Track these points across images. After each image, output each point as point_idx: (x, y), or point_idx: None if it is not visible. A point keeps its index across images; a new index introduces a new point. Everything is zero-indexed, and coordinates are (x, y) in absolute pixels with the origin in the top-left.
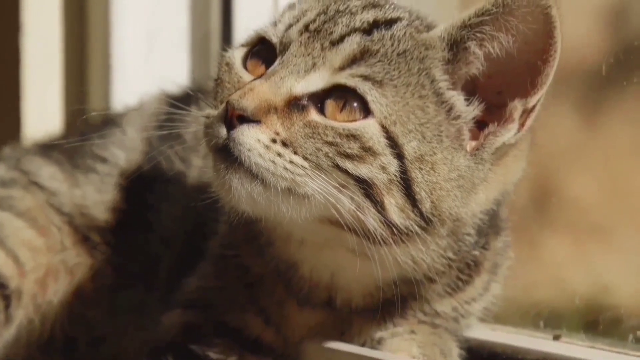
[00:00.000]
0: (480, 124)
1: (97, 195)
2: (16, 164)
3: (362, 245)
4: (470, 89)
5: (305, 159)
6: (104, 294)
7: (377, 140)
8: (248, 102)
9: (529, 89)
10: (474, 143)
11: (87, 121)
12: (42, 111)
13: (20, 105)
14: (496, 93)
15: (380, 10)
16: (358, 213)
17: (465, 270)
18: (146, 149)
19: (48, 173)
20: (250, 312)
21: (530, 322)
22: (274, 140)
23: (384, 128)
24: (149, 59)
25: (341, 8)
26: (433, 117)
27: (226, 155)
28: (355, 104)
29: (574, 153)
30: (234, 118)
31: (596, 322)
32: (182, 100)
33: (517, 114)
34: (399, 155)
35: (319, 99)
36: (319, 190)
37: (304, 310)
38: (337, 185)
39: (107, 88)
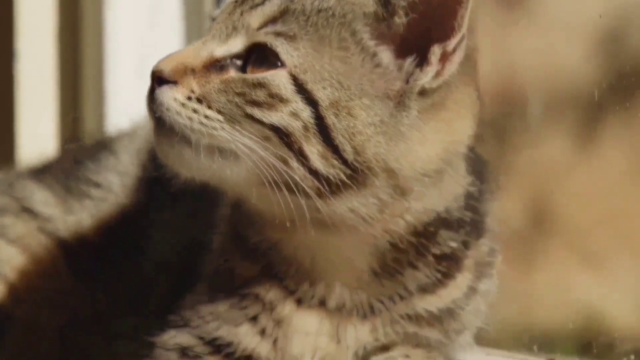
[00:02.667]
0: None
1: (91, 221)
2: (8, 190)
3: (310, 206)
4: (396, 40)
5: (219, 112)
6: (98, 320)
7: (284, 87)
8: (165, 65)
9: (447, 33)
10: (396, 90)
11: (80, 146)
12: (36, 135)
13: (14, 129)
14: (419, 41)
15: None
16: (284, 166)
17: (443, 262)
18: (140, 174)
19: (41, 198)
20: (244, 324)
21: (524, 346)
22: (189, 98)
23: (293, 76)
24: (143, 82)
25: None
26: (355, 68)
27: (158, 122)
28: (270, 60)
29: (568, 178)
30: (154, 82)
31: (590, 346)
32: None
33: (435, 58)
34: (312, 102)
35: (241, 60)
36: (240, 143)
37: (302, 312)
38: (257, 139)
39: (101, 112)
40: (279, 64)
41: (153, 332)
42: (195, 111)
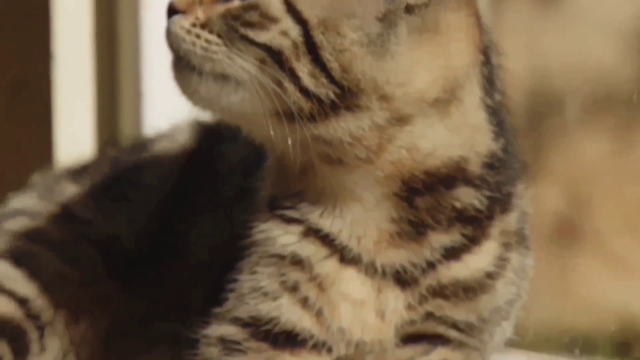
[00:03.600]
0: None
1: (129, 224)
2: (47, 193)
3: (312, 134)
4: None
5: (219, 36)
6: (138, 325)
7: (275, 6)
8: None
9: None
10: (385, 11)
11: (118, 147)
12: (74, 136)
13: (52, 131)
14: None
15: None
16: (279, 89)
17: (466, 224)
18: (177, 177)
19: (80, 202)
20: (284, 294)
21: (565, 349)
22: (194, 25)
23: None
24: None
25: None
26: None
27: (172, 53)
28: None
29: (604, 179)
30: (168, 15)
31: (632, 348)
32: (215, 130)
33: None
34: (301, 21)
35: None
36: (239, 67)
37: (344, 272)
38: (254, 62)
39: (138, 113)
40: None
41: (196, 329)
42: (198, 36)
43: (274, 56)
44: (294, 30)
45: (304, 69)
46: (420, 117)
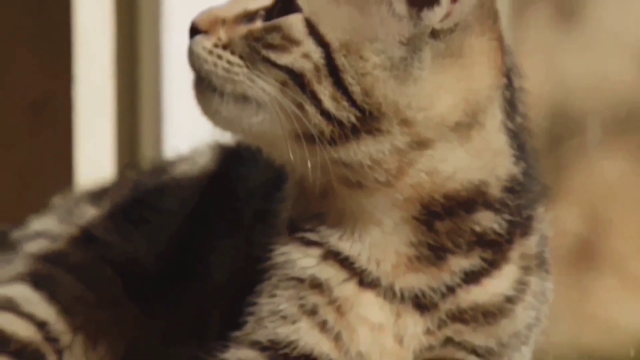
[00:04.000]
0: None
1: (148, 247)
2: (67, 215)
3: (331, 158)
4: None
5: (241, 57)
6: (156, 348)
7: (297, 29)
8: (199, 19)
9: None
10: (410, 36)
11: (138, 170)
12: (94, 157)
13: (72, 152)
14: None
15: None
16: (301, 112)
17: (486, 248)
18: (197, 200)
19: (100, 224)
20: (302, 318)
21: None
22: (216, 45)
23: (307, 20)
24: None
25: None
26: (369, 15)
27: (194, 73)
28: (290, 8)
29: (624, 200)
30: (190, 35)
31: None
32: (236, 153)
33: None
34: (323, 44)
35: (268, 12)
36: (260, 89)
37: (363, 296)
38: (276, 84)
39: (158, 133)
40: (297, 9)
41: (215, 353)
42: (220, 57)
43: (296, 78)
44: (316, 53)
45: (325, 91)
46: (441, 141)
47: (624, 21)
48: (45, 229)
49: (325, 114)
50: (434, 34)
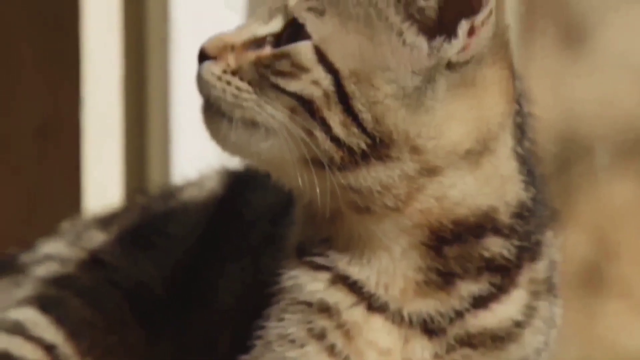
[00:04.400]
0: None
1: (156, 271)
2: (76, 240)
3: (340, 183)
4: (425, 20)
5: (250, 83)
6: None
7: (306, 56)
8: (208, 44)
9: (475, 8)
10: (424, 66)
11: (146, 195)
12: (102, 181)
13: (80, 175)
14: (448, 20)
15: None
16: (310, 138)
17: (495, 273)
18: (204, 224)
19: (108, 248)
20: (310, 342)
21: None
22: (224, 71)
23: (316, 47)
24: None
25: None
26: (380, 44)
27: (202, 98)
28: (300, 34)
29: (633, 225)
30: (199, 61)
31: None
32: (243, 178)
33: (462, 31)
34: (333, 71)
35: (278, 38)
36: (268, 115)
37: (371, 320)
38: (285, 111)
39: (166, 157)
40: (306, 37)
41: None
42: (228, 83)
43: (305, 105)
44: (326, 80)
45: (335, 118)
46: (451, 168)
47: (631, 46)
48: (54, 252)
49: (335, 140)
50: (450, 65)
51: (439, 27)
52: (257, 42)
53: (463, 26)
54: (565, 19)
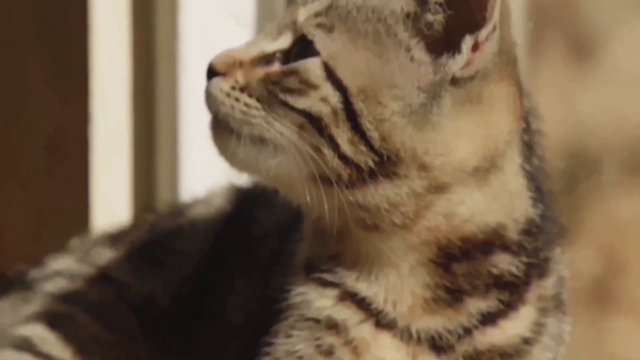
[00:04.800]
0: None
1: (164, 288)
2: (85, 256)
3: (347, 200)
4: (432, 36)
5: (258, 100)
6: None
7: (314, 73)
8: (217, 60)
9: (479, 23)
10: (429, 82)
11: (154, 213)
12: (110, 197)
13: (89, 192)
14: (454, 36)
15: None
16: (318, 155)
17: (503, 290)
18: (212, 241)
19: (117, 265)
20: (318, 359)
21: None
22: (233, 88)
23: (325, 64)
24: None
25: None
26: (388, 61)
27: (211, 114)
28: (309, 51)
29: None
30: (207, 77)
31: None
32: (251, 194)
33: (465, 47)
34: (341, 88)
35: (286, 54)
36: (277, 132)
37: (379, 337)
38: (293, 127)
39: (175, 174)
40: (315, 53)
41: None
42: (237, 99)
43: (313, 122)
44: (334, 97)
45: (343, 135)
46: (459, 185)
47: None
48: (63, 269)
49: (342, 157)
50: (455, 81)
51: (446, 43)
52: (266, 59)
53: (467, 41)
54: (574, 34)
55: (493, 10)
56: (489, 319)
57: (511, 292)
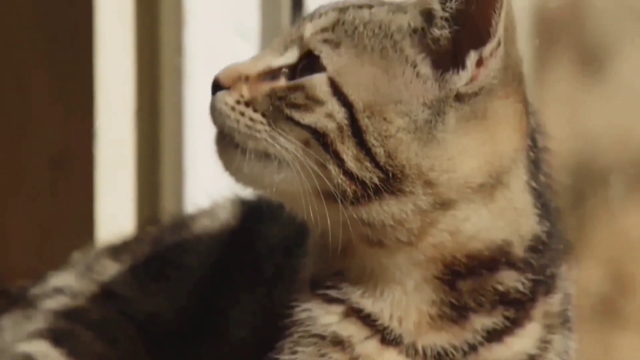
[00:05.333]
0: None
1: (169, 303)
2: (87, 271)
3: (351, 216)
4: (438, 52)
5: (264, 115)
6: None
7: (320, 89)
8: (222, 74)
9: (483, 39)
10: (434, 98)
11: (158, 225)
12: (115, 212)
13: (93, 206)
14: (459, 53)
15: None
16: (323, 171)
17: (509, 306)
18: (217, 255)
19: (121, 280)
20: None
21: None
22: (238, 102)
23: (331, 79)
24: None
25: (339, 6)
26: (394, 76)
27: (216, 128)
28: (315, 66)
29: None
30: (212, 91)
31: None
32: (257, 208)
33: (470, 63)
34: (347, 104)
35: (293, 69)
36: (281, 147)
37: (387, 354)
38: (298, 143)
39: (180, 188)
40: (321, 69)
41: None
42: (242, 114)
43: (319, 138)
44: (340, 113)
45: (348, 152)
46: (465, 201)
47: None
48: (64, 285)
49: (347, 174)
50: (459, 97)
51: (452, 59)
52: (272, 74)
53: (471, 57)
54: (581, 50)
55: (497, 26)
56: (494, 335)
57: (517, 308)
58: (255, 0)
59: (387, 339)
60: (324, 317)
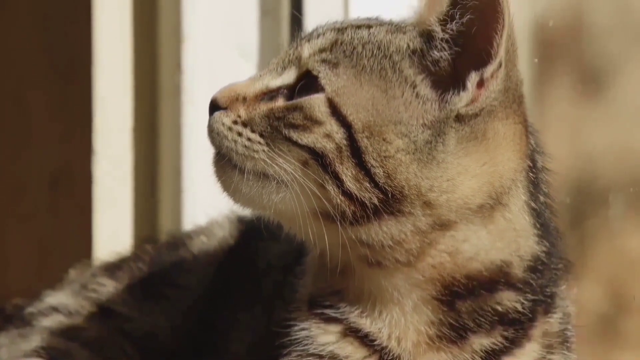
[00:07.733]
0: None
1: (166, 321)
2: (82, 289)
3: (350, 237)
4: (438, 72)
5: (262, 135)
6: None
7: (319, 109)
8: (219, 94)
9: (485, 60)
10: (434, 119)
11: (156, 243)
12: (113, 230)
13: (92, 225)
14: (460, 73)
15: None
16: (322, 192)
17: (508, 327)
18: (214, 274)
19: (118, 298)
20: None
21: None
22: (235, 122)
23: (329, 100)
24: None
25: (337, 26)
26: (393, 97)
27: (214, 148)
28: (314, 86)
29: None
30: (210, 111)
31: None
32: (254, 226)
33: (471, 83)
34: (346, 125)
35: (291, 90)
36: (280, 168)
37: None
38: (296, 164)
39: (178, 208)
40: (320, 89)
41: None
42: (239, 134)
43: (317, 158)
44: (338, 134)
45: (347, 172)
46: (464, 222)
47: None
48: (60, 304)
49: (346, 194)
50: (459, 118)
51: (453, 80)
52: (270, 94)
53: (472, 78)
54: (581, 69)
55: (499, 47)
56: (493, 356)
57: (516, 328)
58: (254, 18)
59: (386, 359)
60: (322, 336)
